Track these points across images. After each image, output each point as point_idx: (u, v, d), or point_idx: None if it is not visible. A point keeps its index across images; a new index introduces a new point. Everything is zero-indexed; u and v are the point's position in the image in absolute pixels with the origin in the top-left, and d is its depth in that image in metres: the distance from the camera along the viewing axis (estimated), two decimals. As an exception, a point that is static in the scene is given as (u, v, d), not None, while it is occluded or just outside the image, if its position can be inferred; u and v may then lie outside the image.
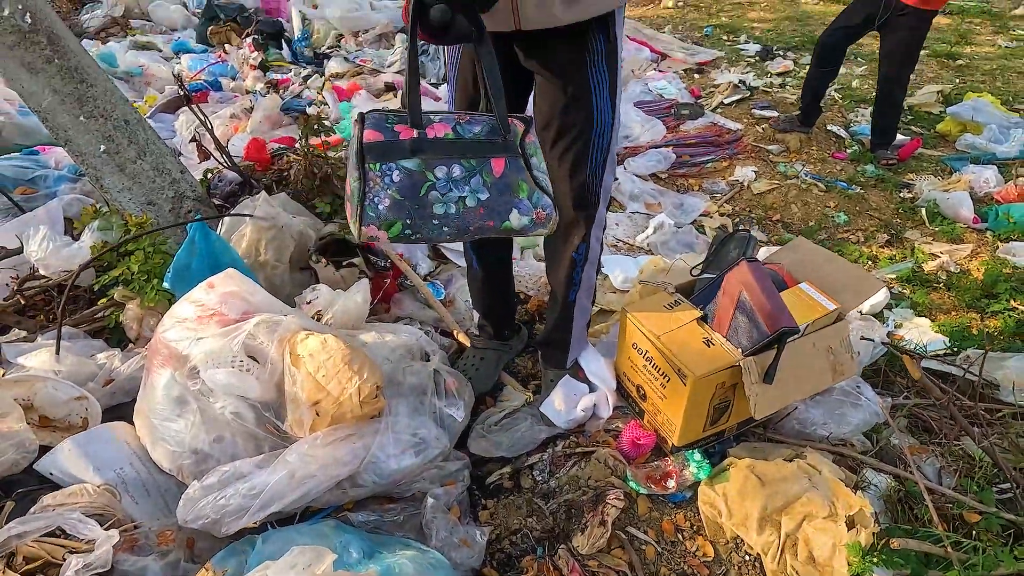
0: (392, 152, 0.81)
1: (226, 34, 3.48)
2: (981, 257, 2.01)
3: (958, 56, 4.08)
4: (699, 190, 2.56)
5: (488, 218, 0.84)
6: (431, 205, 0.82)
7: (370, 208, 0.81)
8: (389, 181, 0.81)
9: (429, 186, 0.82)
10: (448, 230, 0.83)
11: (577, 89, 1.03)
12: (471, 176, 0.83)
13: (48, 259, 1.50)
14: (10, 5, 1.53)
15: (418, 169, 0.81)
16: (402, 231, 0.82)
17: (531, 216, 0.86)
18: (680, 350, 1.14)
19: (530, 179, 0.86)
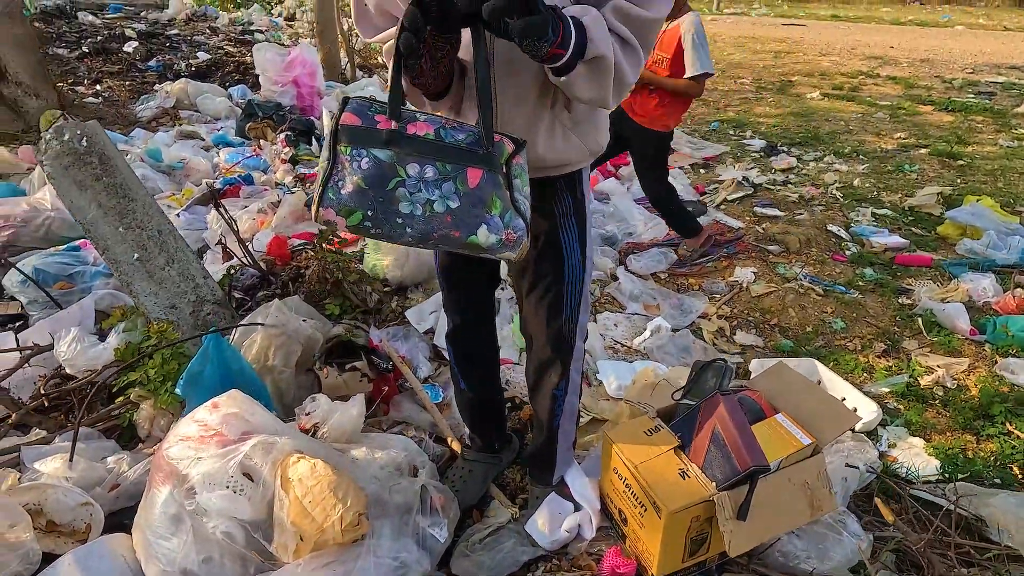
0: (366, 138, 0.79)
1: (262, 130, 3.79)
2: (979, 372, 2.01)
3: (959, 156, 4.20)
4: (699, 289, 2.63)
5: (454, 228, 0.81)
6: (397, 202, 0.79)
7: (331, 191, 0.78)
8: (357, 167, 0.78)
9: (398, 182, 0.79)
10: (411, 232, 0.81)
11: (548, 242, 1.13)
12: (444, 181, 0.80)
13: (75, 360, 1.62)
14: (70, 131, 1.74)
15: (389, 161, 0.79)
16: (361, 222, 0.79)
17: (500, 236, 0.82)
18: (656, 481, 1.18)
19: (507, 197, 0.83)
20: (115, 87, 5.93)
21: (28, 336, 1.78)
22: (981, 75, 7.55)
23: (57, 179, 1.72)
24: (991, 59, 9.03)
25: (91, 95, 5.62)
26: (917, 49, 10.19)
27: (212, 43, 8.15)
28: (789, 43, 10.60)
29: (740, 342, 2.25)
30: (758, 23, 16.09)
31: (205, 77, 6.43)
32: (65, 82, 5.87)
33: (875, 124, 5.12)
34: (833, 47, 10.21)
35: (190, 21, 9.72)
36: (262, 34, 9.14)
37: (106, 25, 8.67)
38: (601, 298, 2.49)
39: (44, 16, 8.72)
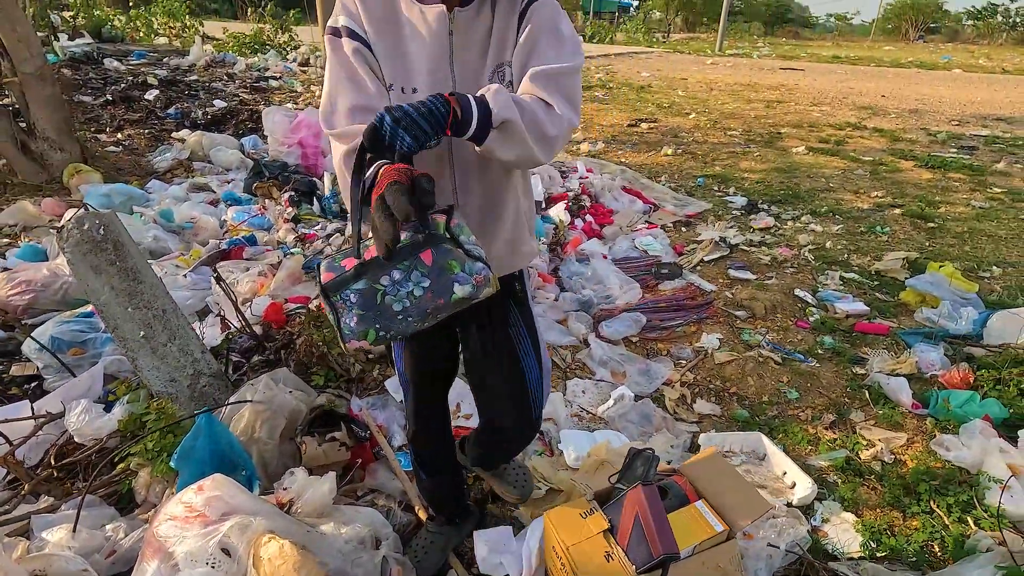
0: (343, 283, 0.98)
1: (268, 189, 4.05)
2: (916, 447, 2.15)
3: (931, 217, 4.38)
4: (667, 355, 2.79)
5: (438, 297, 0.97)
6: (390, 307, 0.97)
7: (345, 328, 0.98)
8: (350, 303, 0.98)
9: (382, 293, 0.97)
10: (412, 319, 0.97)
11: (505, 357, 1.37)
12: (410, 273, 0.97)
13: (83, 429, 1.81)
14: (90, 221, 1.96)
15: (367, 286, 0.97)
16: (377, 335, 0.98)
17: (471, 283, 0.99)
18: (584, 562, 1.33)
19: (460, 255, 0.99)
20: (135, 135, 6.28)
21: (42, 405, 1.98)
22: (967, 127, 7.78)
23: (76, 264, 1.94)
24: (980, 109, 9.29)
25: (112, 143, 5.96)
26: (908, 98, 10.48)
27: (229, 90, 8.58)
28: (783, 91, 10.93)
29: (699, 411, 2.40)
30: (757, 66, 16.55)
31: (220, 124, 6.79)
32: (89, 130, 6.23)
33: (855, 181, 5.32)
34: (826, 96, 10.53)
35: (209, 67, 10.23)
36: (276, 80, 9.60)
37: (130, 71, 9.17)
38: (572, 364, 2.66)
39: (72, 62, 9.24)
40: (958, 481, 1.95)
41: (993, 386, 2.36)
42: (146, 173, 5.14)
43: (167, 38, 13.50)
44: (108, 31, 12.11)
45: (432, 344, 1.41)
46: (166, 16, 14.05)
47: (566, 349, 2.75)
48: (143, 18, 13.63)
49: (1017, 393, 2.31)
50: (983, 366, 2.52)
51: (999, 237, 4.09)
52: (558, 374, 2.58)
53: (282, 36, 12.88)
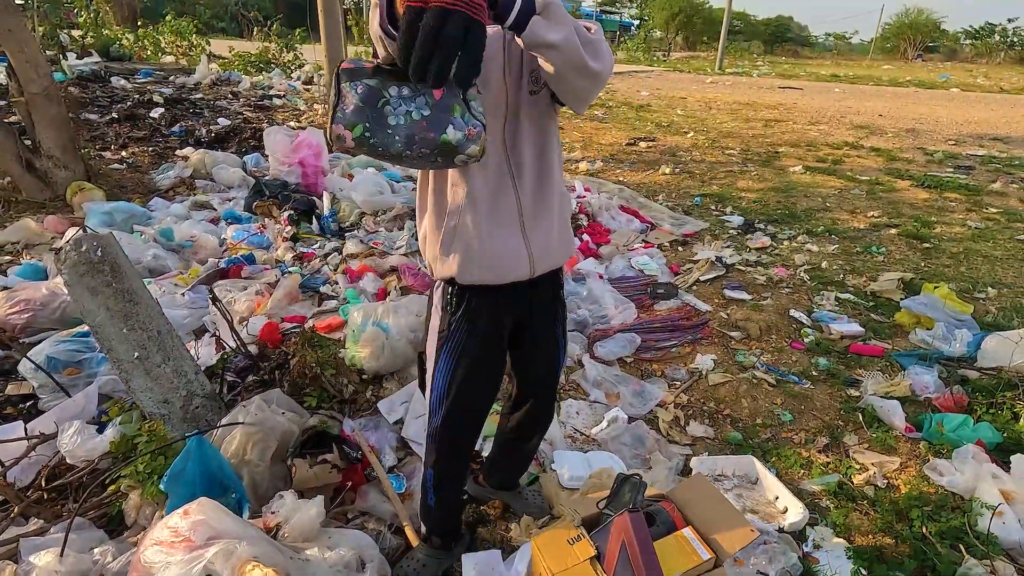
0: (359, 73, 1.05)
1: (268, 208, 4.09)
2: (909, 471, 2.14)
3: (926, 238, 4.40)
4: (661, 376, 2.80)
5: (429, 130, 1.04)
6: (386, 117, 1.03)
7: (339, 112, 1.03)
8: (354, 92, 1.04)
9: (384, 101, 1.04)
10: (399, 139, 1.03)
11: (551, 349, 1.54)
12: (417, 96, 1.05)
13: (75, 451, 1.82)
14: (87, 243, 1.98)
15: (376, 86, 1.04)
16: (362, 133, 1.03)
17: (463, 132, 1.06)
18: (569, 591, 1.33)
19: (463, 103, 1.07)
20: (139, 153, 6.36)
21: (35, 425, 1.99)
22: (963, 147, 7.84)
23: (72, 286, 1.96)
24: (976, 129, 9.35)
25: (116, 161, 6.04)
26: (905, 117, 10.57)
27: (233, 108, 8.70)
28: (782, 110, 11.04)
29: (692, 433, 2.39)
30: (756, 85, 16.72)
31: (224, 142, 6.88)
32: (94, 147, 6.32)
33: (851, 201, 5.35)
34: (824, 114, 10.62)
35: (214, 85, 10.37)
36: (280, 98, 9.73)
37: (136, 89, 9.30)
38: (566, 385, 2.66)
39: (80, 80, 9.38)
40: (951, 507, 1.94)
41: (987, 410, 2.36)
42: (149, 191, 5.20)
43: (174, 57, 13.71)
44: (116, 50, 12.30)
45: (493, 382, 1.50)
46: (174, 35, 14.29)
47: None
48: (151, 37, 13.86)
49: (1011, 417, 2.30)
50: (977, 389, 2.52)
51: (995, 258, 4.10)
52: (552, 395, 2.58)
53: (287, 55, 13.08)
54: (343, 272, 3.26)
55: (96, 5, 12.97)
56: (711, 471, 2.11)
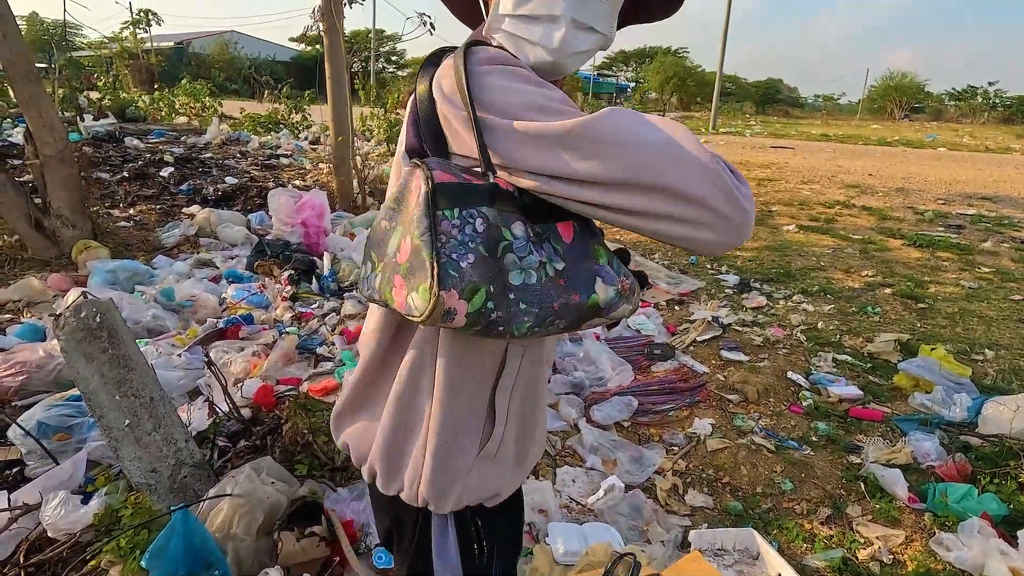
0: (469, 195, 0.63)
1: (269, 267, 4.16)
2: (915, 545, 2.08)
3: (921, 298, 4.43)
4: (659, 441, 2.76)
5: (572, 291, 0.67)
6: (507, 272, 0.63)
7: (450, 266, 0.60)
8: (472, 232, 0.62)
9: (505, 246, 0.64)
10: (527, 309, 0.64)
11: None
12: (542, 241, 0.67)
13: (57, 523, 1.78)
14: (87, 308, 2.01)
15: (495, 222, 0.64)
16: (484, 303, 0.62)
17: (616, 286, 0.71)
18: None
19: (604, 245, 0.74)
20: (146, 211, 6.51)
21: (20, 496, 1.95)
22: (953, 206, 8.01)
23: (69, 352, 1.97)
24: (965, 188, 9.58)
25: (124, 219, 6.18)
26: (895, 176, 10.85)
27: (240, 167, 8.97)
28: (774, 169, 11.35)
29: (691, 503, 2.34)
30: (749, 144, 17.26)
31: (230, 200, 7.05)
32: (103, 205, 6.48)
33: (845, 260, 5.42)
34: (815, 173, 10.91)
35: (224, 145, 10.74)
36: (287, 157, 10.04)
37: (148, 149, 9.62)
38: (562, 451, 2.62)
39: (95, 140, 9.73)
40: (960, 585, 1.87)
41: (990, 480, 2.31)
42: (153, 248, 5.29)
43: (187, 117, 14.25)
44: (132, 111, 12.82)
45: None
46: (188, 97, 14.91)
47: (556, 435, 2.72)
48: (166, 99, 14.45)
49: (1016, 488, 2.26)
50: (980, 457, 2.48)
51: (990, 318, 4.12)
52: (547, 461, 2.54)
53: (295, 116, 13.60)
54: (340, 333, 3.28)
55: (116, 69, 13.61)
56: (710, 545, 2.04)
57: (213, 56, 37.57)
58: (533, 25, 0.74)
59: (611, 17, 0.78)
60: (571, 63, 0.77)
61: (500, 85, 0.68)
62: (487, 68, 0.70)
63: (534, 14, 0.74)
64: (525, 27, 0.75)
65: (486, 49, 0.74)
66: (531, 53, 0.76)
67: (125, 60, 16.58)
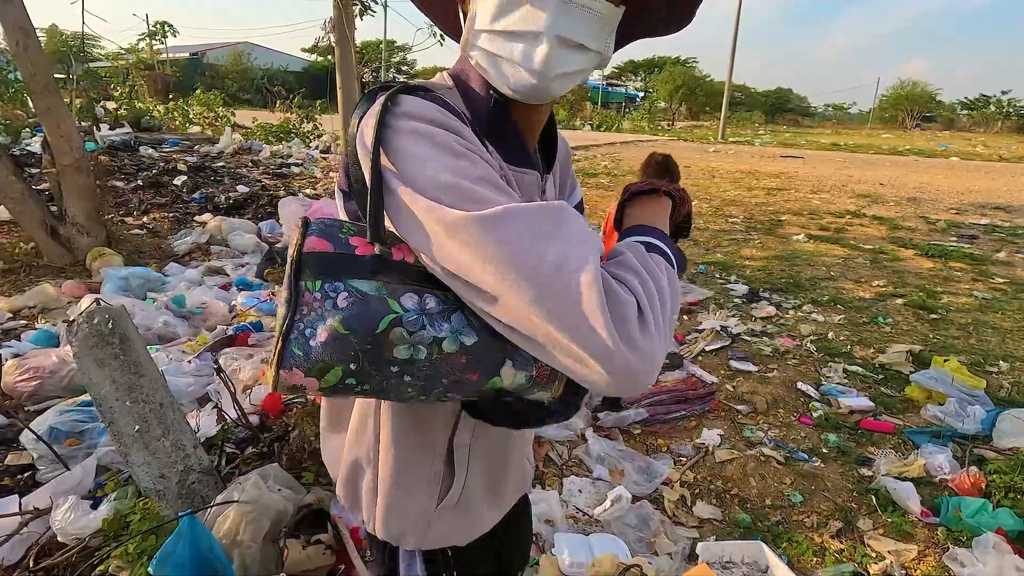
0: (343, 268, 0.59)
1: (279, 275, 4.19)
2: (928, 561, 2.04)
3: (934, 308, 4.38)
4: (667, 451, 2.73)
5: (472, 370, 0.61)
6: (392, 346, 0.59)
7: (296, 344, 0.57)
8: (331, 306, 0.58)
9: (393, 319, 0.59)
10: (412, 381, 0.61)
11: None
12: (452, 312, 0.61)
13: (67, 528, 1.79)
14: (100, 315, 2.04)
15: (377, 295, 0.59)
16: (342, 379, 0.59)
17: (530, 371, 0.63)
18: None
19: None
20: (159, 219, 6.60)
21: (30, 500, 1.97)
22: (966, 216, 7.93)
23: (81, 358, 2.00)
24: (978, 197, 9.48)
25: (137, 226, 6.26)
26: (906, 186, 10.76)
27: (252, 176, 9.08)
28: (784, 178, 11.30)
29: (699, 514, 2.31)
30: (758, 153, 17.21)
31: (241, 208, 7.13)
32: (117, 213, 6.58)
33: (856, 270, 5.38)
34: (825, 183, 10.85)
35: (236, 154, 10.88)
36: (298, 166, 10.16)
37: (162, 158, 9.76)
38: (569, 461, 2.61)
39: (110, 149, 9.89)
40: (974, 602, 1.83)
41: (1005, 494, 2.27)
42: (166, 256, 5.36)
43: (201, 127, 14.46)
44: (147, 121, 13.02)
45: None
46: (202, 107, 15.14)
47: (563, 444, 2.71)
48: (180, 109, 14.68)
49: (1032, 502, 2.21)
50: (994, 471, 2.43)
51: (1004, 330, 4.06)
52: (554, 471, 2.53)
53: (307, 125, 13.76)
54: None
55: (132, 80, 13.86)
56: (718, 558, 2.02)
57: (227, 67, 38.19)
58: (513, 42, 0.65)
59: (604, 33, 0.68)
60: (557, 86, 0.67)
61: (411, 152, 0.60)
62: (404, 126, 0.61)
63: (513, 30, 0.64)
64: (504, 44, 0.65)
65: (413, 101, 0.63)
66: (511, 74, 0.66)
67: (141, 71, 16.92)
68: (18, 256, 4.90)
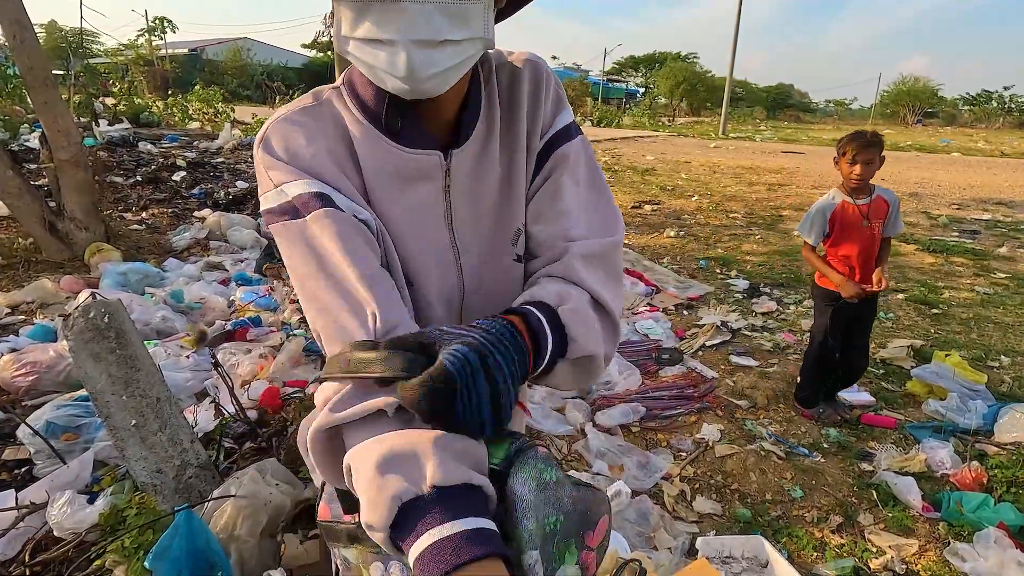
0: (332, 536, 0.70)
1: (278, 270, 4.17)
2: (929, 555, 2.03)
3: (935, 303, 4.36)
4: (667, 446, 2.72)
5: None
6: None
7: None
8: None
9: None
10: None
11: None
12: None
13: (63, 522, 1.78)
14: (96, 309, 2.02)
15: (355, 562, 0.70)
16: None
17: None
18: None
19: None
20: (158, 214, 6.58)
21: (27, 494, 1.96)
22: (967, 211, 7.90)
23: (77, 352, 1.98)
24: (979, 193, 9.45)
25: (136, 222, 6.25)
26: (907, 181, 10.73)
27: (251, 172, 9.05)
28: (785, 174, 11.27)
29: (699, 509, 2.30)
30: (759, 149, 17.16)
31: (240, 204, 7.11)
32: (116, 209, 6.56)
33: (857, 265, 5.36)
34: (827, 178, 10.82)
35: (236, 149, 10.85)
36: (297, 162, 10.11)
37: (161, 153, 9.74)
38: (568, 455, 2.60)
39: (109, 145, 9.87)
40: (976, 597, 1.82)
41: (1007, 489, 2.26)
42: (165, 251, 5.35)
43: (200, 123, 14.43)
44: (146, 117, 12.99)
45: None
46: (201, 103, 15.10)
47: (563, 439, 2.70)
48: (179, 105, 14.65)
49: (1033, 497, 2.20)
50: (996, 465, 2.42)
51: (1006, 324, 4.04)
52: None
53: (306, 121, 13.66)
54: (347, 335, 3.28)
55: (131, 75, 13.82)
56: (718, 552, 2.01)
57: (226, 62, 38.09)
58: (376, 49, 0.63)
59: (471, 19, 0.63)
60: (435, 85, 0.64)
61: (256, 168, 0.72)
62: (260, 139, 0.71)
63: (371, 37, 0.62)
64: (369, 51, 0.63)
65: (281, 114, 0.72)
66: (386, 79, 0.64)
67: (140, 66, 16.89)
68: (16, 252, 4.89)
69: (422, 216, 0.74)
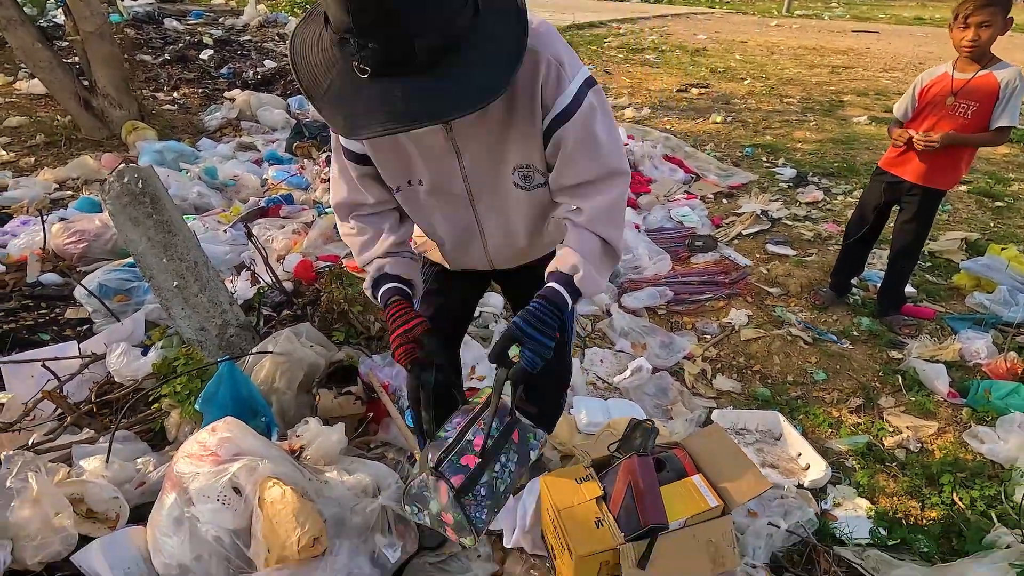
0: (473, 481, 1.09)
1: (308, 149, 4.14)
2: (947, 436, 2.04)
3: (1000, 196, 4.04)
4: (692, 329, 2.73)
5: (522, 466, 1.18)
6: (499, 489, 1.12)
7: (478, 523, 1.09)
8: (480, 498, 1.09)
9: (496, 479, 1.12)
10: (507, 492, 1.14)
11: None
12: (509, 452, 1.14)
13: (122, 370, 1.95)
14: (129, 174, 2.06)
15: (489, 477, 1.11)
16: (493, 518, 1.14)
17: (538, 447, 1.22)
18: (573, 527, 1.35)
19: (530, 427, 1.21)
20: (189, 94, 6.50)
21: (88, 346, 2.14)
22: (1059, 98, 7.05)
23: (116, 215, 2.05)
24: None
25: (168, 102, 6.20)
26: (995, 64, 9.54)
27: (279, 50, 8.70)
28: (852, 55, 10.17)
29: (718, 387, 2.35)
30: (827, 28, 15.39)
31: (269, 84, 6.92)
32: (147, 88, 6.49)
33: (920, 155, 4.94)
34: (900, 60, 9.73)
35: (262, 27, 10.38)
36: (325, 40, 9.65)
37: (188, 31, 9.42)
38: (593, 333, 2.64)
39: (135, 22, 9.57)
40: (987, 475, 1.85)
41: (1042, 379, 2.20)
42: (197, 131, 5.33)
43: (224, -2, 13.72)
44: (169, -9, 12.39)
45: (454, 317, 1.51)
46: (224, -24, 14.23)
47: (587, 317, 2.73)
48: (202, -22, 13.85)
49: (1069, 388, 2.15)
50: (1035, 357, 2.35)
51: (1077, 220, 3.74)
52: (577, 343, 2.57)
53: (333, -5, 12.84)
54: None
55: (150, -55, 13.02)
56: (733, 424, 2.07)
57: (247, -69, 35.34)
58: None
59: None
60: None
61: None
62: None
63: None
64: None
65: None
66: None
67: (158, -65, 15.85)
68: (57, 129, 4.95)
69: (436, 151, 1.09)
